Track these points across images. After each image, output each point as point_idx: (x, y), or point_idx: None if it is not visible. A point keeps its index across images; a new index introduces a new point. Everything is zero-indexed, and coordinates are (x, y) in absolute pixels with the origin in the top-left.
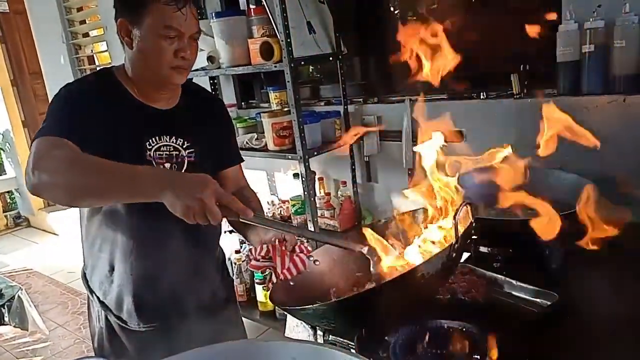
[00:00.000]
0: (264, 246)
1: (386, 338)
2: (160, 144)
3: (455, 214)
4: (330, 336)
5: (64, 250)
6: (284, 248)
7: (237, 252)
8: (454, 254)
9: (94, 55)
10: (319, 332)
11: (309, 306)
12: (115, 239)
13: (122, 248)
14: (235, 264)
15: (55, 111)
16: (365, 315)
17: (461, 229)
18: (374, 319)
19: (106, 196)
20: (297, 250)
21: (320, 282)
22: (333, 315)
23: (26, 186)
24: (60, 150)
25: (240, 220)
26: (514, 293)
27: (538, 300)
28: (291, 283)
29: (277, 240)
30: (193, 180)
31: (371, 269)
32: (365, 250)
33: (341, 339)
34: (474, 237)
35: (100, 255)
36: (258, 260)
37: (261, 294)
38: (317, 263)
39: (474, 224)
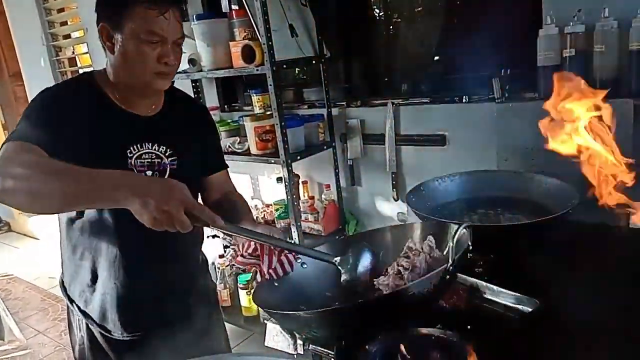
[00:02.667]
0: (252, 243)
1: (366, 347)
2: (142, 152)
3: (454, 235)
4: (310, 345)
5: (45, 255)
6: (272, 247)
7: (221, 256)
8: (448, 276)
9: (76, 57)
10: (299, 342)
11: (294, 312)
12: (99, 246)
13: (106, 256)
14: (219, 268)
15: (28, 116)
16: (349, 326)
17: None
18: (357, 330)
19: (69, 202)
20: (286, 250)
21: (307, 286)
22: (317, 325)
23: None
24: (26, 155)
25: (215, 233)
26: (495, 299)
27: (519, 306)
28: (276, 284)
29: None
30: (160, 188)
31: (342, 279)
32: (337, 260)
33: (321, 348)
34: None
35: (81, 263)
36: (244, 257)
37: (245, 299)
38: (304, 266)
39: (471, 248)
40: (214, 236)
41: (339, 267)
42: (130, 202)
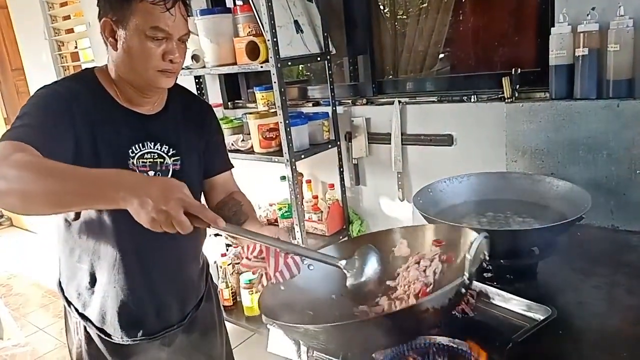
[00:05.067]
0: (257, 245)
1: (373, 356)
2: (144, 151)
3: (471, 245)
4: (315, 353)
5: (47, 250)
6: (278, 249)
7: (223, 255)
8: (464, 290)
9: (78, 52)
10: (303, 348)
11: (302, 325)
12: (97, 249)
13: (105, 260)
14: (220, 267)
15: (25, 115)
16: (359, 339)
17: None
18: (367, 343)
19: (63, 203)
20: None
21: (313, 289)
22: (325, 338)
23: None
24: (19, 155)
25: (219, 232)
26: (505, 306)
27: (530, 314)
28: (282, 288)
29: None
30: (158, 188)
31: (347, 282)
32: (342, 264)
33: (326, 356)
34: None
35: (79, 266)
36: (250, 260)
37: (247, 298)
38: (311, 267)
39: (488, 259)
40: (216, 235)
41: (345, 271)
42: (128, 202)
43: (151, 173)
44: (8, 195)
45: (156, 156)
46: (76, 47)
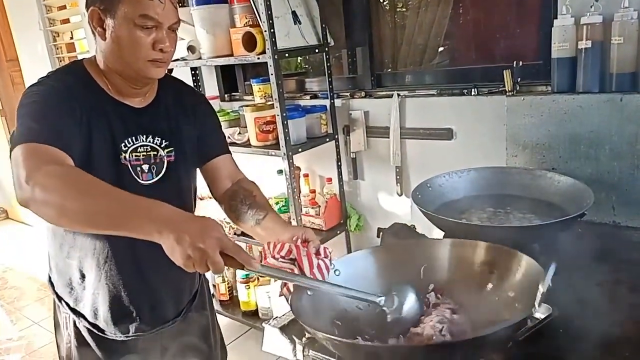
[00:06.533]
0: (286, 245)
1: None
2: (137, 145)
3: (545, 279)
4: (311, 351)
5: (43, 244)
6: (308, 249)
7: None
8: (520, 331)
9: (74, 42)
10: (299, 347)
11: (356, 342)
12: (87, 244)
13: (95, 254)
14: None
15: (34, 113)
16: None
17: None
18: None
19: (97, 224)
20: (322, 254)
21: (339, 298)
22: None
23: (16, 196)
24: (54, 166)
25: (245, 269)
26: None
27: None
28: (309, 293)
29: (299, 240)
30: (197, 226)
31: (387, 319)
32: (382, 301)
33: (322, 355)
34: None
35: (69, 261)
36: (276, 259)
37: (244, 293)
38: (337, 273)
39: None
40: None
41: (384, 308)
42: (164, 236)
43: (145, 167)
44: (46, 206)
45: (149, 149)
46: (72, 38)
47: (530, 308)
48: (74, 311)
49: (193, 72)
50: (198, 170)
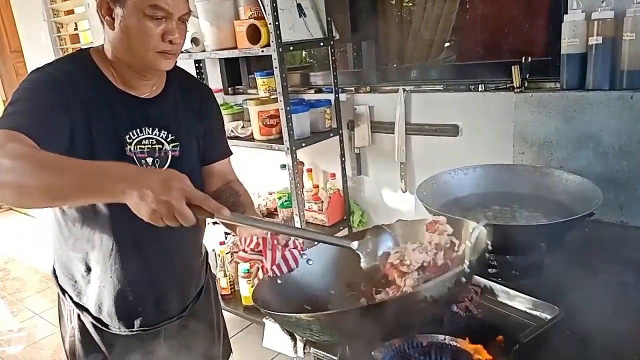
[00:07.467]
0: (254, 238)
1: (372, 354)
2: (142, 137)
3: (471, 234)
4: (312, 348)
5: (45, 235)
6: (275, 242)
7: (222, 243)
8: (464, 279)
9: (78, 33)
10: (299, 344)
11: (294, 314)
12: (93, 237)
13: (101, 248)
14: (219, 256)
15: (19, 101)
16: (354, 331)
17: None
18: (363, 335)
19: (58, 197)
20: (291, 245)
21: (311, 284)
22: (319, 328)
23: None
24: (14, 145)
25: (217, 220)
26: (510, 304)
27: (537, 312)
28: (279, 281)
29: (269, 233)
30: (158, 179)
31: (361, 264)
32: (355, 245)
33: (323, 352)
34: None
35: (74, 254)
36: (246, 252)
37: (245, 287)
38: (310, 262)
39: (490, 248)
40: (214, 222)
41: (358, 252)
42: (127, 195)
43: (149, 160)
44: (2, 188)
45: (154, 142)
46: (76, 29)
47: (463, 264)
48: (77, 305)
49: (197, 65)
50: None
